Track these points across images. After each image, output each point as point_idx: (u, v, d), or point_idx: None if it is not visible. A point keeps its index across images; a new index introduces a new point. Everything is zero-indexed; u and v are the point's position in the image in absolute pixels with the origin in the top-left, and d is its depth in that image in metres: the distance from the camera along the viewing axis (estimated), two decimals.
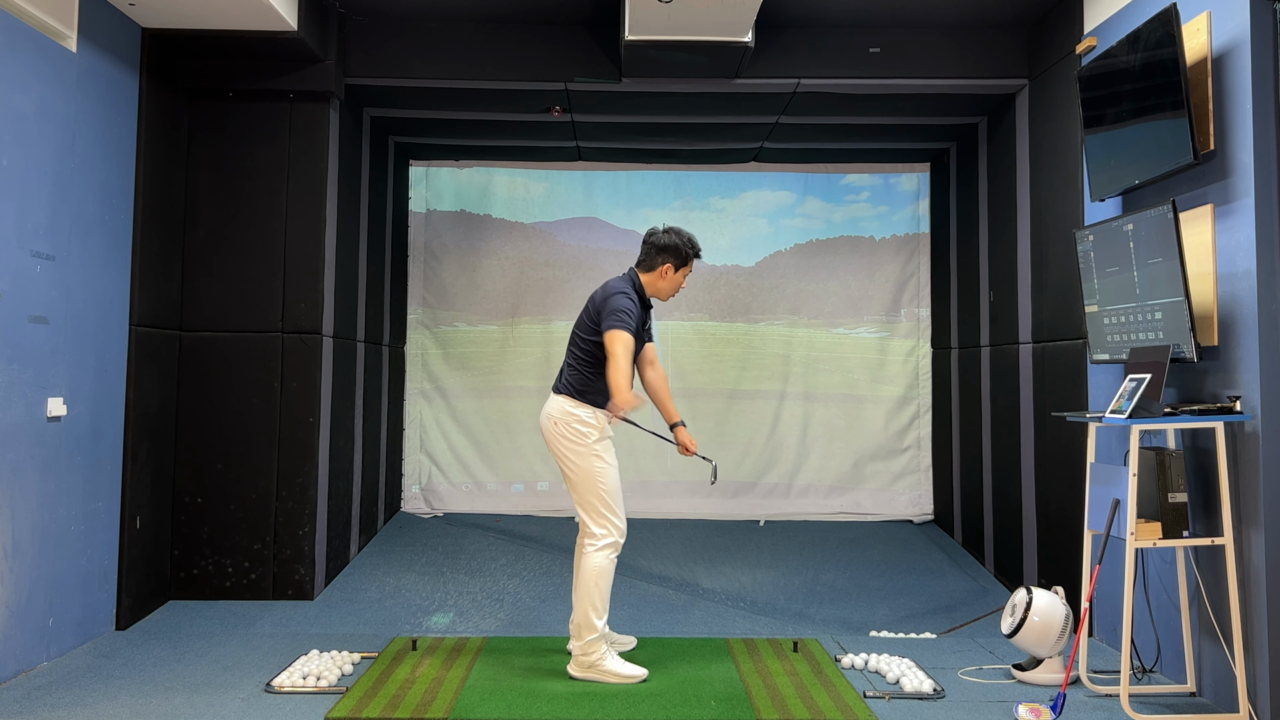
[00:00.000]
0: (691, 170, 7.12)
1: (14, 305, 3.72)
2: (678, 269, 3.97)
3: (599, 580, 3.76)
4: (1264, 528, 3.35)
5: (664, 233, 3.97)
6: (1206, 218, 3.63)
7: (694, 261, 4.01)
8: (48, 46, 3.92)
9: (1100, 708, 3.57)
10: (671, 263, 3.95)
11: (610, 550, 3.80)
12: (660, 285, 3.98)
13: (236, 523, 4.95)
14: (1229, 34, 3.54)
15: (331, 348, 5.24)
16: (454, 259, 7.06)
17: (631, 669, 3.79)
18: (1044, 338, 4.98)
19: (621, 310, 3.79)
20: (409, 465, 6.94)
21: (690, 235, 4.00)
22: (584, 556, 3.82)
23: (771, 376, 7.05)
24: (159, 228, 4.80)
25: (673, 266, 3.95)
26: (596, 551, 3.78)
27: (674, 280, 3.98)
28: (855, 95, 5.48)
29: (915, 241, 7.10)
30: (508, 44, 5.29)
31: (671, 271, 3.96)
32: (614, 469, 3.85)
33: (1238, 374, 3.48)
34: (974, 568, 5.82)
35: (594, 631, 3.75)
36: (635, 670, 3.79)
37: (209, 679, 3.79)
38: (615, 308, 3.80)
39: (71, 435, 4.10)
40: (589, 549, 3.81)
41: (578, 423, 3.83)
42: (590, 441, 3.82)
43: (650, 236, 3.98)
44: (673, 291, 4.01)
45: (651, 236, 3.98)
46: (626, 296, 3.84)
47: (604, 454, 3.83)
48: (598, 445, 3.83)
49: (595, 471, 3.81)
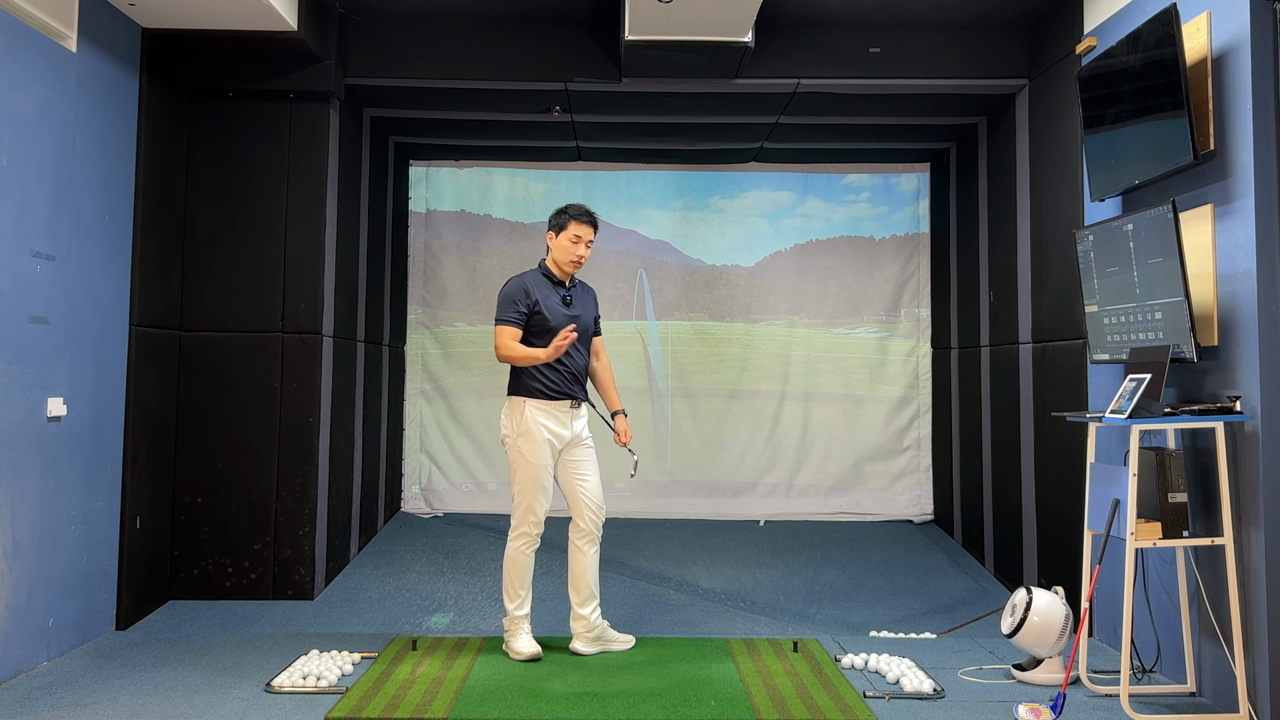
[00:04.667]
0: (691, 170, 7.12)
1: (14, 305, 3.72)
2: (558, 234, 4.12)
3: (506, 568, 4.10)
4: (1264, 528, 3.35)
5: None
6: (1206, 218, 3.63)
7: (581, 225, 4.10)
8: (48, 46, 3.92)
9: (1100, 708, 3.57)
10: (551, 230, 4.15)
11: (522, 542, 4.09)
12: (554, 256, 4.15)
13: (236, 523, 4.95)
14: (1229, 34, 3.54)
15: (331, 348, 5.23)
16: (454, 259, 7.06)
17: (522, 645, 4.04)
18: (1044, 338, 4.98)
19: (501, 299, 4.08)
20: (409, 465, 6.94)
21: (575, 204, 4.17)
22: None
23: (771, 376, 7.05)
24: (159, 228, 4.80)
25: (553, 233, 4.14)
26: (510, 540, 4.11)
27: (560, 245, 4.10)
28: (855, 95, 5.48)
29: (915, 241, 7.10)
30: (508, 44, 5.29)
31: (553, 238, 4.13)
32: (535, 466, 4.03)
33: (1238, 374, 3.48)
34: (974, 568, 5.82)
35: (506, 612, 4.12)
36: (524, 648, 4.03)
37: (209, 679, 3.79)
38: (499, 298, 4.10)
39: (71, 435, 4.10)
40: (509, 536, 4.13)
41: (505, 416, 4.12)
42: (513, 436, 4.07)
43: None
44: (568, 258, 4.10)
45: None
46: (510, 281, 4.10)
47: (525, 450, 4.03)
48: (519, 440, 4.04)
49: (514, 465, 4.08)
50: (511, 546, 4.08)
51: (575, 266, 4.12)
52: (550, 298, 4.09)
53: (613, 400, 4.36)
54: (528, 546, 4.07)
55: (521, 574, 4.08)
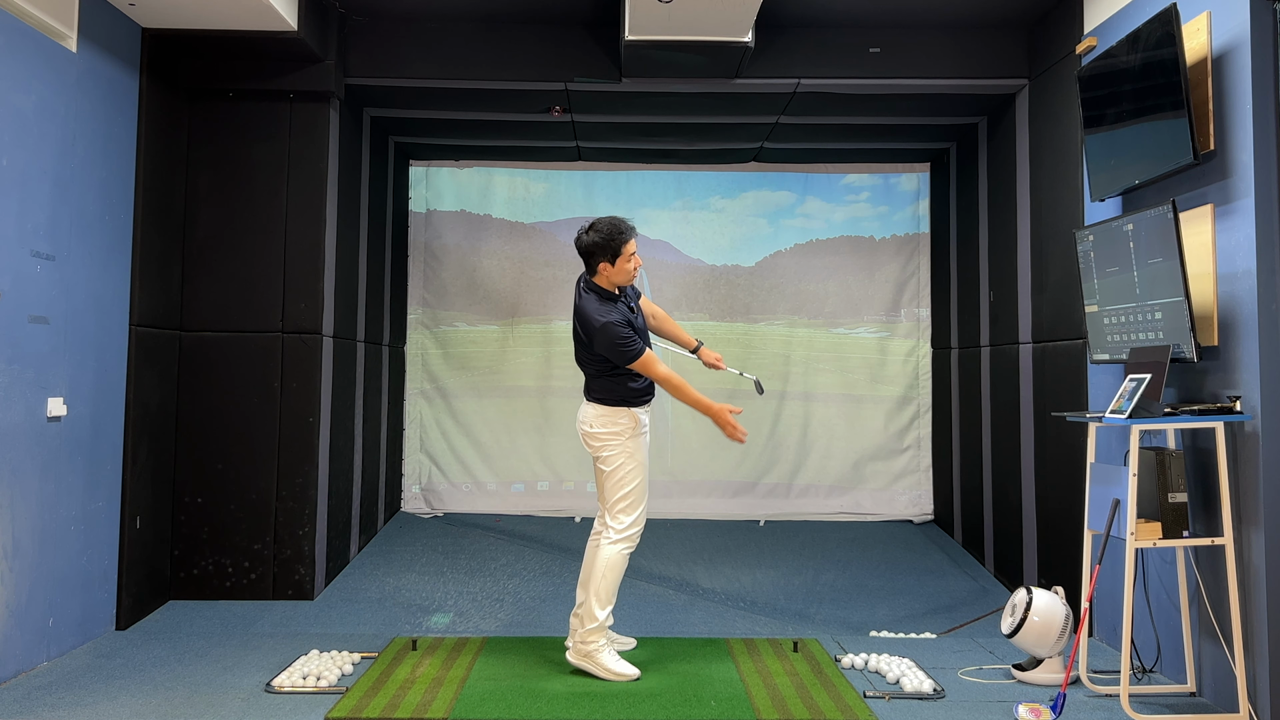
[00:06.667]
0: (691, 170, 7.12)
1: (14, 305, 3.72)
2: (614, 261, 3.88)
3: (608, 572, 3.84)
4: (1264, 528, 3.35)
5: (585, 234, 3.91)
6: (1206, 218, 3.63)
7: (630, 242, 3.89)
8: (48, 46, 3.92)
9: (1100, 708, 3.57)
10: (605, 260, 3.89)
11: (625, 545, 3.88)
12: (612, 279, 3.94)
13: (236, 523, 4.95)
14: (1229, 34, 3.54)
15: (331, 348, 5.23)
16: (454, 259, 7.06)
17: (624, 667, 3.82)
18: (1044, 338, 4.98)
19: (618, 341, 3.79)
20: (409, 465, 6.94)
21: (611, 222, 3.90)
22: (599, 548, 3.91)
23: (771, 376, 7.04)
24: (159, 228, 4.80)
25: (608, 263, 3.89)
26: (611, 544, 3.87)
27: (620, 270, 3.90)
28: (855, 95, 5.48)
29: (915, 241, 7.10)
30: (508, 44, 5.29)
31: (609, 267, 3.89)
32: (641, 469, 3.92)
33: (1238, 374, 3.48)
34: (974, 568, 5.82)
35: (595, 620, 3.82)
36: (628, 669, 3.82)
37: (209, 679, 3.79)
38: (613, 341, 3.79)
39: (71, 435, 4.10)
40: (604, 541, 3.88)
41: (609, 423, 3.92)
42: (621, 440, 3.90)
43: (577, 244, 3.94)
44: (628, 277, 3.96)
45: (578, 244, 3.94)
46: (610, 322, 3.81)
47: (635, 453, 3.91)
48: (629, 443, 3.91)
49: (621, 468, 3.90)
50: (615, 550, 3.85)
51: (632, 279, 4.00)
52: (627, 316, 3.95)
53: (686, 339, 4.29)
54: (629, 549, 3.89)
55: (620, 578, 3.89)
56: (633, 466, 3.91)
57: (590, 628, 3.83)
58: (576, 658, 3.87)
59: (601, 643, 3.85)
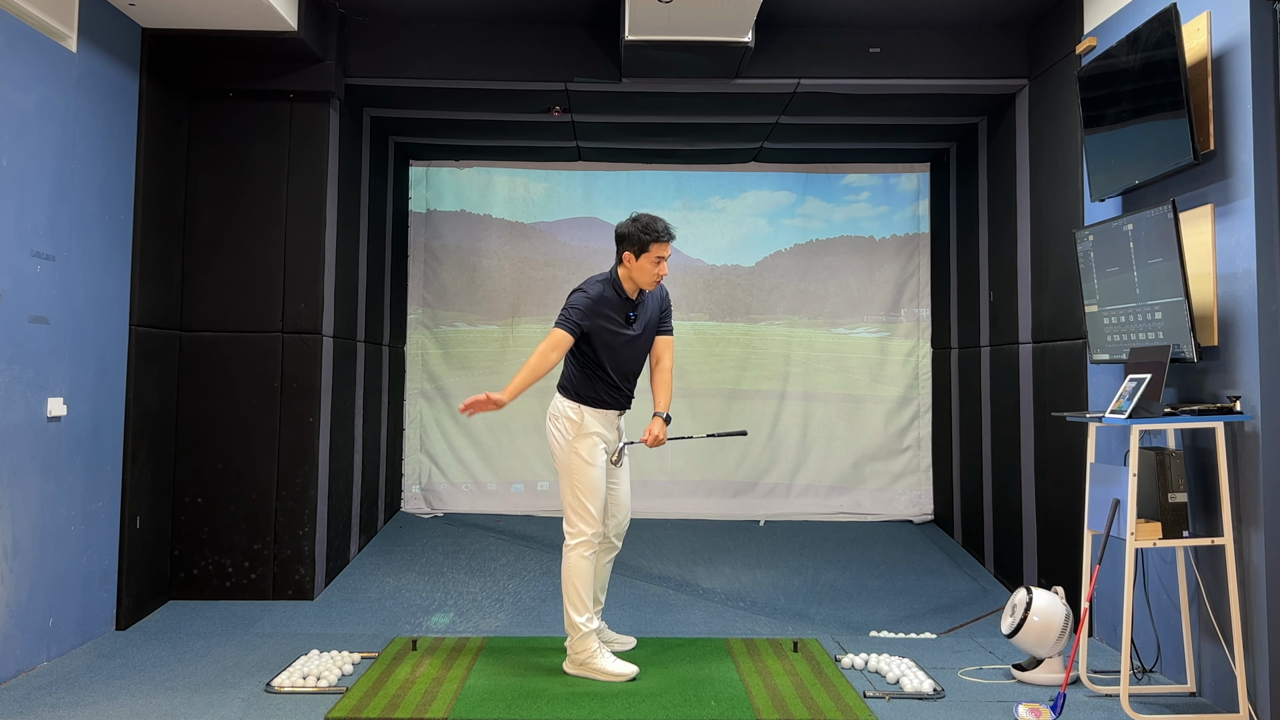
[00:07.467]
0: (691, 170, 7.12)
1: (14, 305, 3.72)
2: (638, 255, 3.83)
3: (573, 578, 3.80)
4: (1264, 528, 3.35)
5: (627, 222, 3.91)
6: (1206, 218, 3.63)
7: (663, 244, 3.83)
8: (48, 46, 3.92)
9: (1100, 708, 3.57)
10: (630, 251, 3.84)
11: (583, 548, 3.81)
12: (633, 275, 3.88)
13: (236, 523, 4.95)
14: (1229, 34, 3.54)
15: (331, 348, 5.23)
16: (454, 259, 7.07)
17: (621, 667, 3.80)
18: (1044, 338, 4.98)
19: (568, 306, 3.84)
20: (409, 465, 6.94)
21: (651, 219, 3.85)
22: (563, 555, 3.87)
23: (771, 376, 7.05)
24: (159, 228, 4.80)
25: (632, 254, 3.83)
26: (570, 550, 3.83)
27: (641, 267, 3.84)
28: (855, 95, 5.48)
29: (915, 241, 7.10)
30: (508, 44, 5.29)
31: (633, 259, 3.84)
32: (594, 468, 3.83)
33: (1238, 374, 3.48)
34: (974, 568, 5.82)
35: (577, 630, 3.79)
36: (625, 668, 3.79)
37: (209, 679, 3.79)
38: (565, 305, 3.87)
39: (71, 435, 4.10)
40: (565, 547, 3.85)
41: (562, 418, 3.88)
42: (570, 437, 3.85)
43: (617, 226, 3.95)
44: (649, 279, 3.87)
45: (618, 226, 3.94)
46: (582, 294, 3.86)
47: (583, 451, 3.83)
48: (578, 442, 3.84)
49: (573, 468, 3.83)
50: (575, 556, 3.79)
51: (655, 285, 3.92)
52: (614, 319, 3.87)
53: (660, 402, 4.05)
54: (589, 550, 3.80)
55: (587, 582, 3.79)
56: (579, 466, 3.81)
57: (577, 638, 3.79)
58: (573, 668, 3.84)
59: (594, 648, 3.81)
